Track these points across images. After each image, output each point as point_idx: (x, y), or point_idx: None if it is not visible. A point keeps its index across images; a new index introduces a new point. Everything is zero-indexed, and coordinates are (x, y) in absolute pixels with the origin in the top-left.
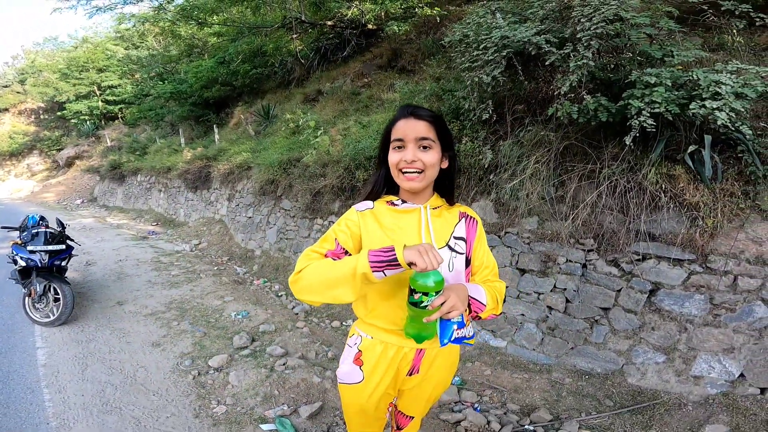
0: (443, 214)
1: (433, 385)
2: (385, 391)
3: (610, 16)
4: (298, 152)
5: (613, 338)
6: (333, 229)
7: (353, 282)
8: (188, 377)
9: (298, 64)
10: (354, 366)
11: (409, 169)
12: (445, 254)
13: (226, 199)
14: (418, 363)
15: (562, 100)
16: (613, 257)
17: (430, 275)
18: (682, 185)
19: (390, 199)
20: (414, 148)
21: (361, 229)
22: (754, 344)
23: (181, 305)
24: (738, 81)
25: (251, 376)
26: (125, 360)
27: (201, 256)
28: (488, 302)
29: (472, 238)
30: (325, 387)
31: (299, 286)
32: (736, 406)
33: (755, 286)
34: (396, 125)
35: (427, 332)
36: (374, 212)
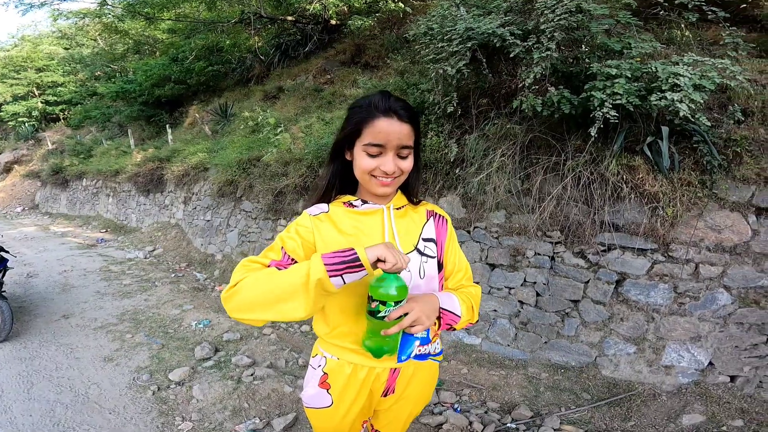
0: (408, 214)
1: (412, 404)
2: (359, 413)
3: (573, 7)
4: (257, 151)
5: (585, 330)
6: (280, 237)
7: (306, 293)
8: (147, 393)
9: (257, 61)
10: (320, 389)
11: (385, 177)
12: (415, 259)
13: (182, 202)
14: (392, 383)
15: (527, 93)
16: (579, 249)
17: (393, 282)
18: (642, 176)
19: (347, 199)
20: (393, 156)
21: (315, 235)
22: (720, 332)
23: (134, 316)
24: (695, 73)
25: (217, 388)
26: (74, 377)
27: (156, 263)
28: (463, 312)
29: (442, 238)
30: (298, 397)
31: (234, 303)
32: (709, 395)
33: (716, 273)
34: (374, 124)
35: (388, 346)
36: (330, 216)
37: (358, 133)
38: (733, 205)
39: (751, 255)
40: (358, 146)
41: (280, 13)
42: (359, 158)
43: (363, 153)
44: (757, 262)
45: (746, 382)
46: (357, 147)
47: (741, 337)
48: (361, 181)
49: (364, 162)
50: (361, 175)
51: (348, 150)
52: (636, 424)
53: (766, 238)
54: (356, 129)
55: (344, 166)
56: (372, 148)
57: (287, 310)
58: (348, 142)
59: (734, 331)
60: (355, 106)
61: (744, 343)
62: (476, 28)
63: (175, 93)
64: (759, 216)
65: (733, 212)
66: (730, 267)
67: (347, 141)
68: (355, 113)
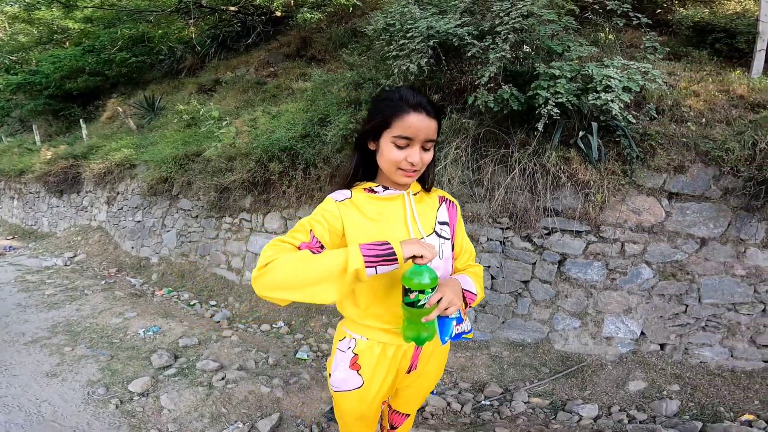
0: (424, 199)
1: (430, 379)
2: (387, 391)
3: (525, 12)
4: (197, 146)
5: (536, 309)
6: (308, 220)
7: (342, 279)
8: (109, 407)
9: (190, 52)
10: (350, 371)
11: (410, 169)
12: (434, 241)
13: (105, 202)
14: (416, 359)
15: (482, 90)
16: (526, 233)
17: (425, 272)
18: (576, 166)
19: (368, 185)
20: (419, 149)
21: (344, 221)
22: (647, 303)
23: (69, 328)
24: (624, 76)
25: (188, 396)
26: (19, 395)
27: (80, 270)
28: (478, 291)
29: (454, 222)
30: (277, 396)
31: (265, 281)
32: (646, 363)
33: (639, 251)
34: (405, 118)
35: (427, 332)
36: (353, 201)
37: (387, 125)
38: (649, 191)
39: (666, 233)
40: (386, 137)
41: (222, 3)
42: (387, 149)
43: (391, 144)
44: (671, 239)
45: (674, 349)
46: (385, 138)
47: (664, 308)
48: (386, 171)
49: (392, 153)
50: (388, 166)
51: (373, 140)
52: (591, 392)
53: (677, 218)
54: (385, 121)
55: (366, 154)
56: (401, 140)
57: (318, 292)
58: (374, 133)
59: (658, 303)
60: (383, 99)
61: (667, 313)
62: (437, 27)
63: (90, 85)
64: (670, 199)
65: (649, 197)
66: (649, 244)
67: (373, 132)
68: (385, 106)
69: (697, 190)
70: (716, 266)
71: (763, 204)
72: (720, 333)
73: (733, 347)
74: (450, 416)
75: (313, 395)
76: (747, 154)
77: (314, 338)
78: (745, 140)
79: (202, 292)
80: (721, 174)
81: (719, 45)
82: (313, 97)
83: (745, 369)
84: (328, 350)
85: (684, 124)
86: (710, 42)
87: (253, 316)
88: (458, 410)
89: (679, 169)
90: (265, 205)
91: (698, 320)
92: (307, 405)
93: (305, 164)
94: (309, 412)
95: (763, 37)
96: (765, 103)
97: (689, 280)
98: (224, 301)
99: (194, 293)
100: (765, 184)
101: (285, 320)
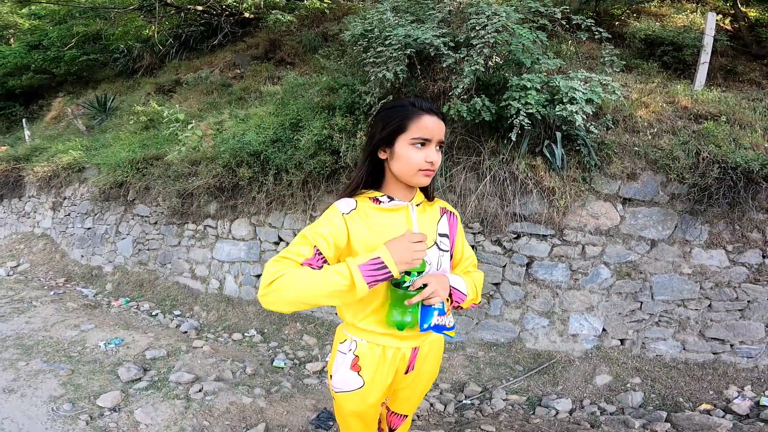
0: (426, 210)
1: (426, 379)
2: (385, 392)
3: (499, 27)
4: (156, 149)
5: (507, 309)
6: (311, 234)
7: (346, 295)
8: (79, 423)
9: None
10: (351, 372)
11: (429, 168)
12: (434, 253)
13: (50, 208)
14: (413, 360)
15: (456, 100)
16: (496, 237)
17: None
18: (541, 174)
19: (373, 194)
20: (434, 149)
21: (350, 234)
22: (606, 301)
23: (19, 341)
24: (587, 88)
25: (164, 410)
26: None
27: (25, 280)
28: (468, 292)
29: (454, 234)
30: (260, 406)
31: (273, 299)
32: (609, 357)
33: (597, 252)
34: (422, 120)
35: (410, 317)
36: (359, 212)
37: (403, 129)
38: (605, 197)
39: (621, 236)
40: (403, 142)
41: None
42: (406, 153)
43: (409, 147)
44: (626, 241)
45: (632, 344)
46: (401, 142)
47: (622, 305)
48: (405, 175)
49: (412, 156)
50: (408, 169)
51: (385, 148)
52: (563, 387)
53: (630, 222)
54: (401, 125)
55: (374, 164)
56: (420, 141)
57: (324, 303)
58: (388, 140)
59: (616, 300)
60: (393, 107)
61: (625, 310)
62: (415, 35)
63: (34, 83)
64: (624, 204)
65: (606, 202)
66: (606, 246)
67: (387, 138)
68: (398, 112)
69: (647, 196)
70: (666, 265)
71: (706, 208)
72: (672, 327)
73: (684, 341)
74: (435, 416)
75: (296, 403)
76: (691, 162)
77: (289, 346)
78: (690, 149)
79: (164, 302)
80: (668, 181)
81: (667, 58)
82: (285, 101)
83: (697, 361)
84: (305, 358)
85: (636, 134)
86: (659, 55)
87: (222, 325)
88: (442, 410)
89: (631, 176)
90: (232, 211)
91: (652, 316)
92: (292, 414)
93: (276, 170)
94: (295, 420)
95: (706, 50)
96: (707, 115)
97: (642, 279)
98: (189, 310)
99: (155, 303)
100: (707, 190)
101: (257, 328)
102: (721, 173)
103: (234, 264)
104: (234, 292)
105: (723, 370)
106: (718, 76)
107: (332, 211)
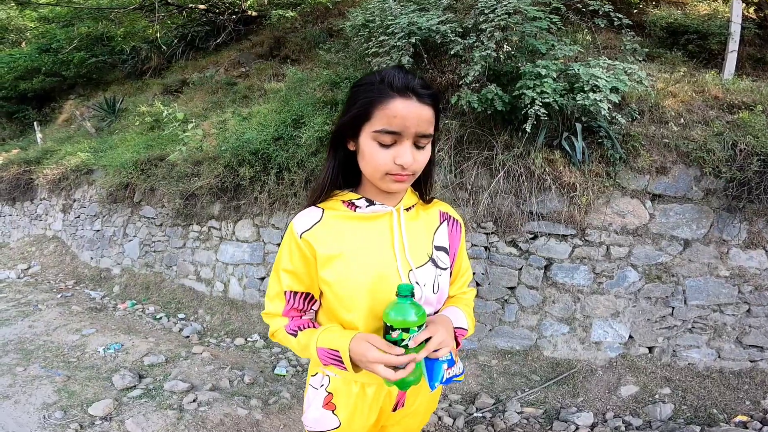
0: (420, 216)
1: (421, 415)
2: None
3: (511, 9)
4: (160, 150)
5: (523, 315)
6: (278, 278)
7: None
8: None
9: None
10: (324, 411)
11: (401, 173)
12: (429, 272)
13: (60, 210)
14: (402, 396)
15: (465, 90)
16: (511, 238)
17: (410, 308)
18: (560, 169)
19: (348, 197)
20: (411, 147)
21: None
22: (633, 307)
23: (21, 346)
24: (611, 76)
25: (156, 420)
26: None
27: (35, 282)
28: (468, 326)
29: (455, 247)
30: (256, 418)
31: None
32: (636, 367)
33: (624, 253)
34: (388, 106)
35: (413, 376)
36: (325, 225)
37: (366, 117)
38: (632, 193)
39: (650, 235)
40: (366, 133)
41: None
42: (368, 150)
43: (373, 143)
44: (656, 241)
45: (662, 352)
46: (364, 134)
47: (651, 311)
48: (371, 178)
49: (376, 156)
50: (372, 171)
51: (351, 138)
52: (584, 399)
53: (660, 220)
54: (363, 111)
55: (346, 156)
56: (385, 137)
57: None
58: (351, 129)
59: (645, 306)
60: (361, 84)
61: (654, 316)
62: (419, 23)
63: (46, 86)
64: (654, 201)
65: (633, 199)
66: (634, 247)
67: (351, 127)
68: (362, 91)
69: (679, 192)
70: (700, 267)
71: (745, 204)
72: (707, 334)
73: (720, 348)
74: (443, 431)
75: (295, 416)
76: (728, 154)
77: (292, 352)
78: (725, 141)
79: (170, 305)
80: (702, 175)
81: (692, 46)
82: (287, 98)
83: (733, 369)
84: (308, 365)
85: (664, 125)
86: (683, 43)
87: (225, 330)
88: (450, 425)
89: (661, 171)
90: (235, 212)
91: (685, 322)
92: (289, 427)
93: (278, 168)
94: None
95: (734, 38)
96: (740, 105)
97: (674, 282)
98: (194, 314)
99: (161, 306)
100: (746, 184)
101: (261, 333)
102: (761, 166)
103: (238, 266)
104: (238, 295)
105: (761, 379)
106: (746, 65)
107: (288, 233)
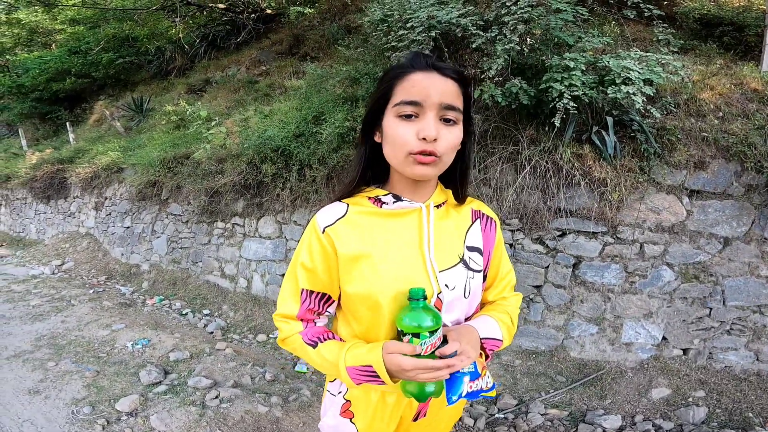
0: (450, 214)
1: (444, 424)
2: None
3: (534, 1)
4: (185, 148)
5: (549, 315)
6: (295, 268)
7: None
8: (95, 428)
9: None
10: (341, 419)
11: (426, 150)
12: (460, 275)
13: (93, 208)
14: (425, 406)
15: (489, 83)
16: (538, 235)
17: (425, 313)
18: (590, 163)
19: (374, 193)
20: (436, 120)
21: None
22: (668, 307)
23: (53, 341)
24: (644, 67)
25: (179, 417)
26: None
27: (68, 278)
28: (504, 335)
29: (490, 247)
30: (276, 416)
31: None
32: (669, 369)
33: (659, 252)
34: (407, 79)
35: (432, 387)
36: (349, 221)
37: (387, 97)
38: (668, 188)
39: (687, 233)
40: (389, 113)
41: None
42: (391, 129)
43: (395, 119)
44: (693, 239)
45: (698, 354)
46: (387, 115)
47: (687, 311)
48: (394, 162)
49: (398, 132)
50: (394, 151)
51: (377, 129)
52: (612, 401)
53: (698, 217)
54: (385, 92)
55: (373, 148)
56: (405, 107)
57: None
58: (376, 114)
59: (680, 306)
60: (386, 72)
61: (690, 317)
62: (438, 16)
63: (77, 87)
64: (691, 197)
65: (669, 195)
66: (670, 245)
67: (375, 112)
68: (388, 75)
69: (718, 187)
70: (740, 267)
71: None
72: (745, 336)
73: (758, 351)
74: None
75: (314, 414)
76: None
77: None
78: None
79: (195, 301)
80: (743, 170)
81: (727, 38)
82: (307, 95)
83: None
84: None
85: (702, 118)
86: (717, 35)
87: (248, 326)
88: (470, 426)
89: (699, 166)
90: (258, 209)
91: (723, 323)
92: (309, 426)
93: (300, 165)
94: None
95: None
96: None
97: (713, 282)
98: (218, 309)
99: (187, 302)
100: None
101: None
102: None
103: (261, 263)
104: (261, 292)
105: None
106: None
107: (310, 228)
